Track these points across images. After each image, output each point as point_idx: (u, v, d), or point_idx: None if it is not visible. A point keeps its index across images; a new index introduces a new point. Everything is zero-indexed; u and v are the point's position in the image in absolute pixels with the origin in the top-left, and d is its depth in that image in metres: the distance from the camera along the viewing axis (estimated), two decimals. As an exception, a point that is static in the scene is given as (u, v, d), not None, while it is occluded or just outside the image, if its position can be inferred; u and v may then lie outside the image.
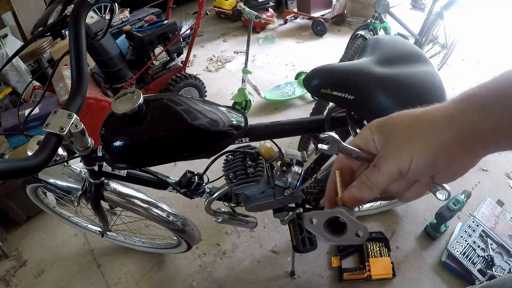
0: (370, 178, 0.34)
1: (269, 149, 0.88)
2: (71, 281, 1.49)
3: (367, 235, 0.33)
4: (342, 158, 0.39)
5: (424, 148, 0.31)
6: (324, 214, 0.35)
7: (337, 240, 0.34)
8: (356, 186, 0.35)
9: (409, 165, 0.31)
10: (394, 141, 0.33)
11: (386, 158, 0.33)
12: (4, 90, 2.31)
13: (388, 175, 0.33)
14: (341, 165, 0.39)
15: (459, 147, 0.30)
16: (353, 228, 0.33)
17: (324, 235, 0.35)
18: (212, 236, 1.59)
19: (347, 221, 0.33)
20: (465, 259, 1.28)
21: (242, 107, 2.26)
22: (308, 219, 0.35)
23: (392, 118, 0.35)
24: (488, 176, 1.71)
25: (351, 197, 0.36)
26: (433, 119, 0.31)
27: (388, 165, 0.33)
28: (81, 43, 0.67)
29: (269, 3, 3.57)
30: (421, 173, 0.32)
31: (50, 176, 1.02)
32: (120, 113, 0.64)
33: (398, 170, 0.32)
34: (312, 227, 0.35)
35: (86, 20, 0.71)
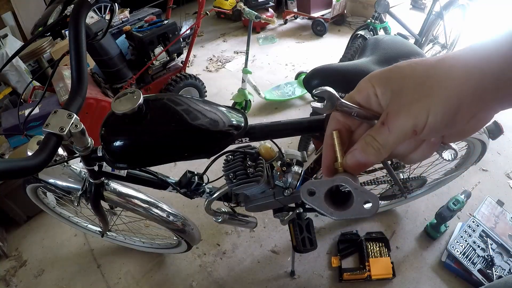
0: (377, 138, 0.30)
1: (269, 149, 0.88)
2: (71, 281, 1.49)
3: (377, 204, 0.28)
4: (339, 117, 0.34)
5: (443, 102, 0.27)
6: (324, 183, 0.30)
7: (343, 214, 0.29)
8: (360, 148, 0.31)
9: (426, 122, 0.27)
10: (406, 95, 0.28)
11: (397, 114, 0.28)
12: (4, 90, 2.31)
13: (400, 134, 0.29)
14: (338, 126, 0.34)
15: (479, 100, 0.26)
16: (360, 197, 0.28)
17: (326, 209, 0.30)
18: (212, 236, 1.59)
19: (352, 190, 0.29)
20: (465, 259, 1.28)
21: (242, 107, 2.26)
22: (306, 190, 0.30)
23: (400, 68, 0.30)
24: (488, 176, 1.71)
25: (354, 161, 0.31)
26: (451, 69, 0.27)
27: (401, 122, 0.28)
28: (81, 43, 0.67)
29: (269, 3, 3.57)
30: (438, 130, 0.28)
31: (50, 176, 1.02)
32: (120, 113, 0.64)
33: (412, 128, 0.28)
34: (311, 200, 0.30)
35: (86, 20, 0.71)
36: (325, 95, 0.32)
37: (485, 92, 0.26)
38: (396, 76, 0.30)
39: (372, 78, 0.31)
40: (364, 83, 0.32)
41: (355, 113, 0.32)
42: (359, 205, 0.28)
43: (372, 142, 0.30)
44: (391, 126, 0.29)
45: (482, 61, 0.26)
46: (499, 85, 0.25)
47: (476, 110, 0.27)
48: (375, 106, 0.31)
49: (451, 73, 0.27)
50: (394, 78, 0.30)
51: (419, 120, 0.28)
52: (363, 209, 0.28)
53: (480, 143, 1.14)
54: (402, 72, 0.30)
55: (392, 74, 0.30)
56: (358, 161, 0.31)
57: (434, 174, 1.37)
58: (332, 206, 0.30)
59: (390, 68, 0.31)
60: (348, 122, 0.34)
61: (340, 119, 0.34)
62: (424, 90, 0.28)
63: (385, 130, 0.29)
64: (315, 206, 0.30)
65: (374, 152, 0.30)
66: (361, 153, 0.31)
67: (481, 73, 0.26)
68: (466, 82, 0.26)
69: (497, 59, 0.25)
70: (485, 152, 1.19)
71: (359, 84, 0.32)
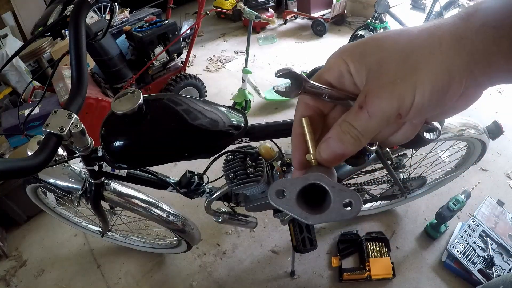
0: (355, 125, 0.25)
1: (269, 149, 0.88)
2: (71, 281, 1.49)
3: (359, 204, 0.23)
4: (308, 101, 0.29)
5: (431, 78, 0.23)
6: (295, 182, 0.25)
7: (319, 217, 0.24)
8: (335, 136, 0.26)
9: (412, 103, 0.23)
10: (386, 72, 0.24)
11: (378, 95, 0.24)
12: (4, 90, 2.31)
13: (382, 119, 0.24)
14: (308, 111, 0.29)
15: (470, 75, 0.23)
16: (339, 197, 0.24)
17: (300, 213, 0.24)
18: (212, 236, 1.59)
19: (328, 189, 0.24)
20: (465, 259, 1.28)
21: (242, 107, 2.26)
22: (274, 192, 0.25)
23: (378, 40, 0.25)
24: (488, 176, 1.71)
25: (329, 153, 0.26)
26: (439, 40, 0.23)
27: (383, 105, 0.24)
28: (81, 43, 0.67)
29: (269, 3, 3.57)
30: (426, 112, 0.25)
31: (50, 176, 1.02)
32: (120, 113, 0.64)
33: (396, 111, 0.24)
34: (281, 203, 0.25)
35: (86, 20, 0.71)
36: (289, 76, 0.27)
37: (476, 66, 0.23)
38: (373, 49, 0.25)
39: (343, 53, 0.27)
40: (334, 59, 0.27)
41: (326, 95, 0.27)
42: (338, 206, 0.24)
43: (349, 130, 0.25)
44: (371, 110, 0.24)
45: (473, 32, 0.23)
46: (491, 58, 0.22)
47: (466, 87, 0.23)
48: (349, 85, 0.27)
49: (440, 45, 0.23)
50: (371, 52, 0.25)
51: (405, 101, 0.23)
52: (343, 210, 0.24)
53: (480, 143, 1.14)
54: (381, 44, 0.25)
55: (368, 48, 0.26)
56: (334, 151, 0.26)
57: (434, 174, 1.37)
58: (306, 208, 0.25)
59: (364, 40, 0.26)
60: (319, 105, 0.29)
61: (310, 102, 0.29)
62: (409, 65, 0.24)
63: (364, 114, 0.25)
64: (286, 209, 0.25)
65: (353, 141, 0.26)
66: (336, 142, 0.26)
67: (473, 45, 0.22)
68: (456, 55, 0.23)
69: (488, 29, 0.22)
70: (485, 152, 1.19)
71: (328, 61, 0.28)
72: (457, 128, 1.06)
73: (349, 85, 0.27)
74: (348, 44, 0.27)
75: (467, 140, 1.16)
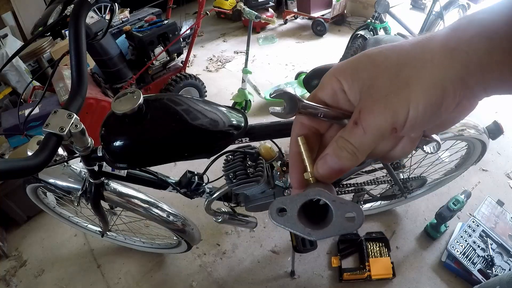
0: (351, 140, 0.26)
1: (269, 149, 0.88)
2: (71, 281, 1.49)
3: (362, 216, 0.24)
4: (304, 120, 0.29)
5: (425, 92, 0.23)
6: (295, 199, 0.25)
7: (322, 232, 0.24)
8: (332, 153, 0.27)
9: (406, 117, 0.24)
10: (379, 87, 0.24)
11: (371, 110, 0.25)
12: (4, 90, 2.31)
13: (377, 134, 0.25)
14: (304, 130, 0.30)
15: (464, 87, 0.23)
16: (340, 211, 0.24)
17: (302, 229, 0.24)
18: (212, 236, 1.59)
19: (329, 203, 0.24)
20: (465, 259, 1.28)
21: (242, 107, 2.26)
22: (275, 210, 0.25)
23: (369, 57, 0.26)
24: (488, 176, 1.71)
25: (326, 169, 0.27)
26: (431, 53, 0.23)
27: (377, 119, 0.24)
28: (81, 43, 0.67)
29: (269, 3, 3.57)
30: (421, 125, 0.25)
31: (50, 176, 1.02)
32: (120, 113, 0.64)
33: (390, 126, 0.24)
34: (283, 221, 0.25)
35: (86, 20, 0.71)
36: (284, 97, 0.28)
37: (470, 77, 0.22)
38: (366, 66, 0.26)
39: (336, 71, 0.27)
40: (328, 79, 0.28)
41: (322, 114, 0.28)
42: (340, 219, 0.24)
43: (345, 145, 0.26)
44: (365, 125, 0.25)
45: (466, 43, 0.22)
46: (485, 68, 0.22)
47: (460, 98, 0.23)
48: (344, 103, 0.28)
49: (432, 58, 0.23)
50: (363, 69, 0.26)
51: (399, 115, 0.24)
52: (346, 223, 0.24)
53: (480, 143, 1.14)
54: (373, 60, 0.26)
55: (361, 64, 0.26)
56: (331, 168, 0.27)
57: (434, 174, 1.37)
58: (308, 224, 0.25)
59: (357, 58, 0.27)
60: (315, 125, 0.30)
61: (305, 122, 0.30)
62: (401, 79, 0.24)
63: (359, 130, 0.25)
64: (289, 227, 0.25)
65: (349, 157, 0.26)
66: (333, 158, 0.26)
67: (466, 56, 0.22)
68: (449, 66, 0.23)
69: (481, 40, 0.22)
70: (485, 152, 1.19)
71: (322, 80, 0.28)
72: (457, 128, 1.06)
73: (344, 103, 0.28)
74: (341, 62, 0.28)
75: (467, 140, 1.16)
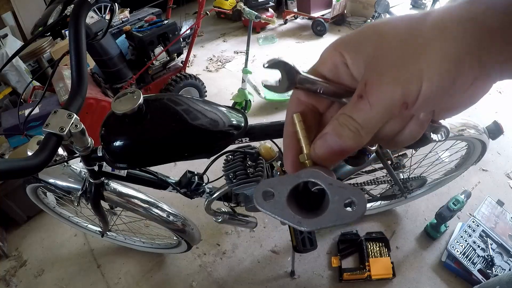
0: (354, 117, 0.22)
1: (269, 149, 0.88)
2: (71, 281, 1.49)
3: (364, 203, 0.20)
4: (301, 96, 0.26)
5: (439, 62, 0.20)
6: (285, 180, 0.22)
7: (315, 222, 0.20)
8: (332, 131, 0.23)
9: (419, 90, 0.21)
10: (387, 57, 0.22)
11: (379, 82, 0.21)
12: (4, 90, 2.31)
13: (385, 109, 0.22)
14: (301, 107, 0.26)
15: (479, 63, 0.20)
16: (338, 196, 0.20)
17: (292, 217, 0.21)
18: (212, 236, 1.59)
19: (325, 187, 0.21)
20: (465, 259, 1.28)
21: (242, 107, 2.26)
22: (261, 193, 0.22)
23: (375, 27, 0.23)
24: (488, 176, 1.71)
25: (325, 149, 0.23)
26: (443, 23, 0.21)
27: (386, 92, 0.21)
28: (81, 43, 0.67)
29: (269, 3, 3.57)
30: (434, 101, 0.22)
31: (50, 176, 1.02)
32: (120, 113, 0.64)
33: (401, 100, 0.21)
34: (269, 206, 0.21)
35: (86, 20, 0.71)
36: (280, 67, 0.24)
37: (485, 53, 0.20)
38: (371, 37, 0.23)
39: (338, 44, 0.24)
40: (328, 52, 0.25)
41: (322, 89, 0.24)
42: (338, 206, 0.20)
43: (348, 122, 0.23)
44: (372, 99, 0.22)
45: (481, 16, 0.20)
46: (501, 46, 0.20)
47: (475, 76, 0.21)
48: (346, 78, 0.24)
49: (445, 29, 0.21)
50: (368, 40, 0.23)
51: (411, 88, 0.21)
52: (344, 211, 0.20)
53: (480, 143, 1.14)
54: (379, 31, 0.23)
55: (365, 36, 0.23)
56: (331, 148, 0.23)
57: (434, 174, 1.37)
58: (299, 212, 0.21)
59: (360, 29, 0.24)
60: (314, 102, 0.26)
61: (303, 98, 0.26)
62: (413, 49, 0.21)
63: (364, 105, 0.22)
64: (275, 214, 0.21)
65: (352, 135, 0.22)
66: (334, 137, 0.23)
67: (480, 31, 0.20)
68: (463, 38, 0.20)
69: (496, 14, 0.20)
70: (485, 152, 1.19)
71: (322, 54, 0.25)
72: (457, 128, 1.06)
73: (346, 78, 0.24)
74: (343, 35, 0.25)
75: (467, 140, 1.16)
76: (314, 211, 0.22)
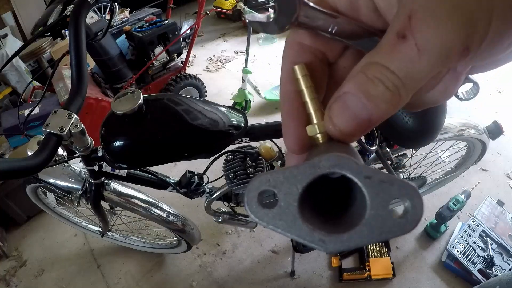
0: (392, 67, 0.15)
1: (269, 149, 0.88)
2: (71, 281, 1.49)
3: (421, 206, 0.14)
4: (304, 39, 0.19)
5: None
6: (294, 174, 0.14)
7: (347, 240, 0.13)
8: (358, 89, 0.16)
9: (487, 28, 0.14)
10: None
11: (434, 15, 0.14)
12: (4, 90, 2.31)
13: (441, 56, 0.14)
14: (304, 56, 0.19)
15: None
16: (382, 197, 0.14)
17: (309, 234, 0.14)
18: (212, 236, 1.59)
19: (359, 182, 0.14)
20: (465, 259, 1.28)
21: (242, 107, 2.26)
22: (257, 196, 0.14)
23: None
24: (488, 176, 1.71)
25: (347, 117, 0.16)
26: None
27: (443, 30, 0.14)
28: (81, 43, 0.67)
29: (269, 3, 3.57)
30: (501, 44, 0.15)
31: (50, 176, 1.02)
32: (120, 113, 0.64)
33: (464, 42, 0.14)
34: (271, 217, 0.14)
35: (86, 20, 0.71)
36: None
37: None
38: None
39: None
40: None
41: (334, 27, 0.17)
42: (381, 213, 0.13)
43: (383, 76, 0.15)
44: (422, 40, 0.14)
45: None
46: None
47: None
48: (368, 15, 0.18)
49: None
50: None
51: (478, 26, 0.14)
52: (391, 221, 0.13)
53: (480, 143, 1.15)
54: None
55: None
56: (356, 115, 0.16)
57: (434, 174, 1.37)
58: (318, 222, 0.14)
59: None
60: (321, 47, 0.19)
61: (307, 42, 0.19)
62: None
63: (409, 49, 0.14)
64: (282, 228, 0.14)
65: (389, 96, 0.15)
66: (360, 99, 0.15)
67: None
68: None
69: None
70: (485, 152, 1.19)
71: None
72: (457, 128, 1.06)
73: (368, 14, 0.17)
74: None
75: (467, 140, 1.16)
76: (337, 216, 0.15)
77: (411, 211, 0.13)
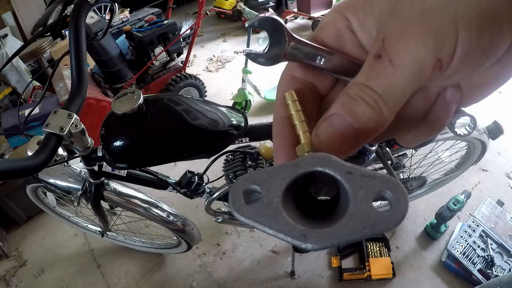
0: (371, 85, 0.16)
1: (269, 149, 0.88)
2: (71, 281, 1.49)
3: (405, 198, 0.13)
4: (296, 72, 0.20)
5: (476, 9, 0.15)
6: (278, 172, 0.15)
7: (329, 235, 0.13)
8: (342, 109, 0.17)
9: (455, 41, 0.15)
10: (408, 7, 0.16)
11: (404, 33, 0.16)
12: (4, 90, 2.31)
13: (414, 70, 0.15)
14: (296, 86, 0.20)
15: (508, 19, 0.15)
16: (364, 191, 0.13)
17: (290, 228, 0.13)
18: (212, 236, 1.59)
19: (341, 178, 0.14)
20: (465, 259, 1.27)
21: (242, 107, 2.26)
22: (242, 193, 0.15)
23: None
24: (488, 176, 1.71)
25: (332, 134, 0.17)
26: None
27: (414, 46, 0.15)
28: (81, 43, 0.67)
29: (269, 3, 3.57)
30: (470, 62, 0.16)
31: (50, 176, 1.02)
32: (120, 113, 0.64)
33: (435, 55, 0.15)
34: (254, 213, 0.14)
35: (86, 20, 0.71)
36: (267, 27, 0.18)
37: None
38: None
39: (341, 7, 0.19)
40: (330, 17, 0.20)
41: (323, 59, 0.18)
42: (364, 206, 0.13)
43: (363, 93, 0.16)
44: (395, 57, 0.15)
45: None
46: None
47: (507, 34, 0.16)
48: (352, 48, 0.19)
49: None
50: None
51: (445, 38, 0.15)
52: (375, 214, 0.13)
53: (480, 143, 1.14)
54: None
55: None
56: (340, 132, 0.16)
57: (434, 174, 1.37)
58: (301, 219, 0.14)
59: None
60: (312, 79, 0.20)
61: (298, 74, 0.20)
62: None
63: (385, 66, 0.16)
64: (264, 224, 0.14)
65: (370, 112, 0.16)
66: (344, 117, 0.16)
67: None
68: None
69: None
70: (485, 152, 1.19)
71: (323, 19, 0.20)
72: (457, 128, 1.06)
73: (352, 48, 0.19)
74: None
75: (467, 140, 1.16)
76: (323, 216, 0.15)
77: (395, 204, 0.13)
